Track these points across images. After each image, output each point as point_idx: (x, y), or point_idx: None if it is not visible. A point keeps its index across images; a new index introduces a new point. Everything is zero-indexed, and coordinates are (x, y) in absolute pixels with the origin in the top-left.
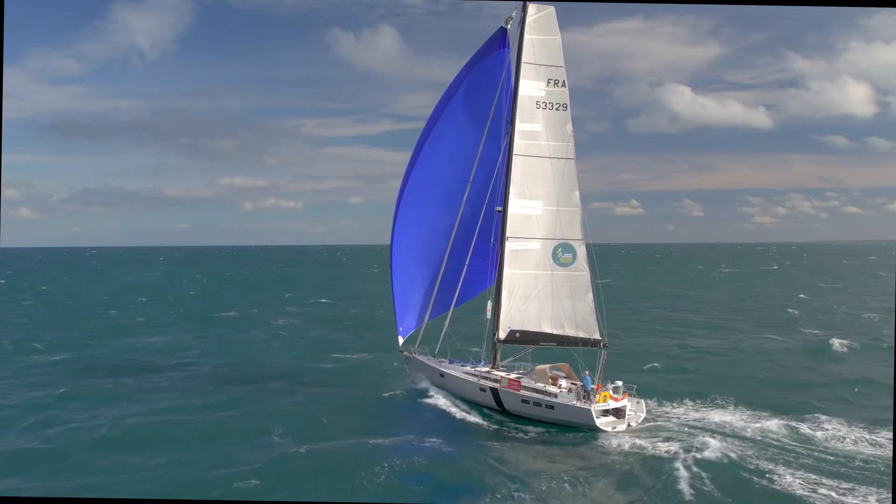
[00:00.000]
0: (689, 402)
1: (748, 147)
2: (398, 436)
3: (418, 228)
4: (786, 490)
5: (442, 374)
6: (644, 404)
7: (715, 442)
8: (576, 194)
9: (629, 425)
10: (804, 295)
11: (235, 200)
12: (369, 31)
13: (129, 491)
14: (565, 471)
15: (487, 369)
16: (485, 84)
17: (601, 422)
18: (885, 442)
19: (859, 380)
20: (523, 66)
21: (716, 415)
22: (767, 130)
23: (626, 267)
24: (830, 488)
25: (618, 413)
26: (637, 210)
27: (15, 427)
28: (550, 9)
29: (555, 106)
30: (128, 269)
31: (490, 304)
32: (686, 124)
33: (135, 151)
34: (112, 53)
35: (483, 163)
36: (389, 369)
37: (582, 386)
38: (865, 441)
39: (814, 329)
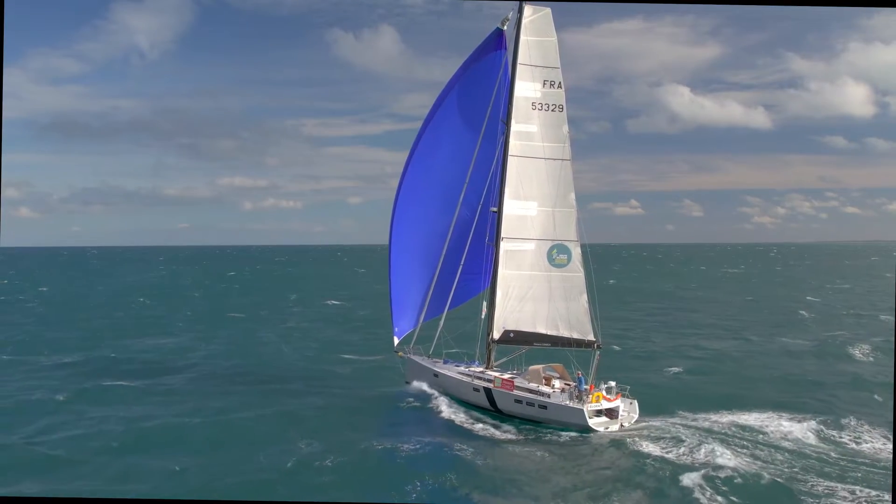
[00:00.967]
0: (686, 403)
1: (748, 147)
2: (392, 436)
3: (415, 229)
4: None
5: (436, 375)
6: (637, 405)
7: (711, 442)
8: (571, 195)
9: (622, 426)
10: (811, 297)
11: (235, 200)
12: (369, 32)
13: (141, 493)
14: (557, 471)
15: (481, 369)
16: (481, 85)
17: (594, 422)
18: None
19: (855, 380)
20: (519, 68)
21: (712, 416)
22: (767, 131)
23: (630, 267)
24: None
25: (611, 413)
26: (637, 210)
27: (25, 429)
28: (546, 10)
29: (551, 107)
30: (130, 269)
31: (484, 305)
32: (685, 124)
33: (135, 151)
34: (112, 53)
35: (479, 164)
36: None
37: (575, 386)
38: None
39: (824, 330)
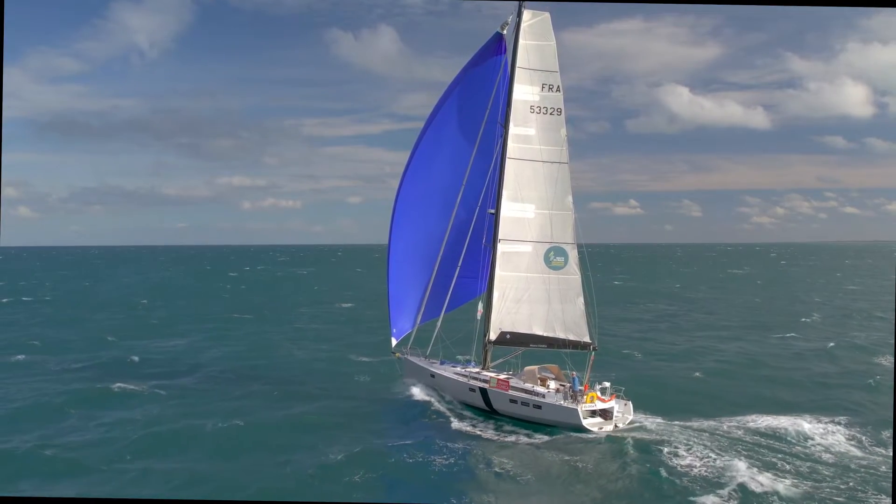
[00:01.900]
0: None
1: (747, 147)
2: (387, 436)
3: (414, 232)
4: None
5: (433, 375)
6: (632, 406)
7: (705, 442)
8: (569, 198)
9: (616, 426)
10: (818, 297)
11: (234, 200)
12: (368, 31)
13: (159, 495)
14: (551, 472)
15: (478, 370)
16: (481, 89)
17: (588, 422)
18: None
19: (857, 380)
20: (518, 71)
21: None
22: (766, 131)
23: (633, 267)
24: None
25: (605, 414)
26: (636, 210)
27: (41, 432)
28: (545, 15)
29: (549, 110)
30: (133, 269)
31: (480, 306)
32: (685, 125)
33: (134, 151)
34: (111, 53)
35: (478, 167)
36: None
37: (570, 387)
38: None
39: (824, 331)
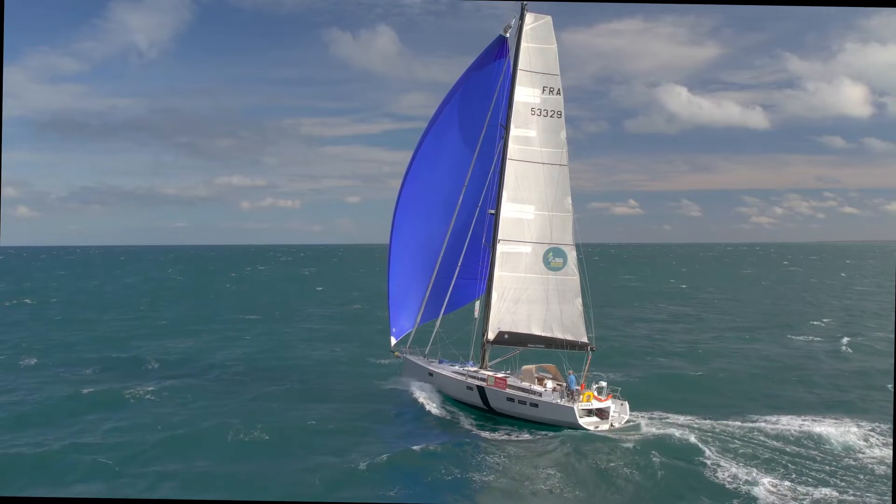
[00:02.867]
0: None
1: (746, 147)
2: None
3: (415, 233)
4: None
5: (431, 374)
6: (628, 406)
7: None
8: (568, 200)
9: (612, 426)
10: (828, 298)
11: (233, 200)
12: (367, 31)
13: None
14: (546, 471)
15: (475, 369)
16: (483, 91)
17: (584, 421)
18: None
19: (861, 379)
20: (519, 73)
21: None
22: (765, 131)
23: (637, 267)
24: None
25: (601, 413)
26: (635, 210)
27: (57, 433)
28: (547, 18)
29: (549, 113)
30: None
31: (478, 305)
32: (684, 124)
33: (133, 150)
34: (110, 52)
35: (479, 169)
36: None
37: (566, 386)
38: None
39: (822, 329)
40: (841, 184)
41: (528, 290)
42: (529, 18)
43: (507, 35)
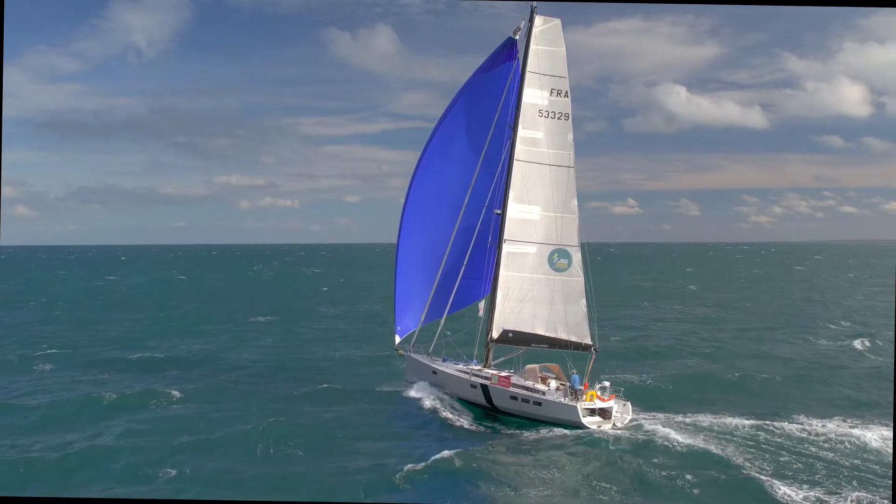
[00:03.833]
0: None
1: (745, 147)
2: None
3: (423, 232)
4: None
5: (435, 372)
6: (630, 406)
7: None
8: (574, 202)
9: (615, 426)
10: (861, 297)
11: (232, 199)
12: (366, 31)
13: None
14: (549, 470)
15: (479, 368)
16: (492, 92)
17: (587, 420)
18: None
19: (867, 380)
20: (528, 75)
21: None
22: (764, 130)
23: (643, 267)
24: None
25: (604, 413)
26: (634, 209)
27: (81, 433)
28: (556, 21)
29: (557, 115)
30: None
31: (482, 304)
32: (682, 124)
33: (131, 150)
34: (109, 52)
35: (486, 170)
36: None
37: (570, 385)
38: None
39: (823, 329)
40: (840, 183)
41: (533, 291)
42: (539, 21)
43: (517, 37)
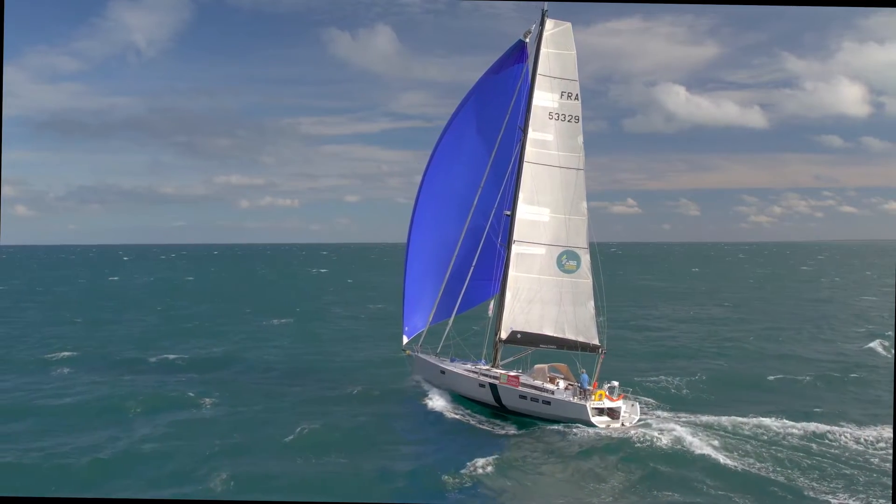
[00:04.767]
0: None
1: (744, 147)
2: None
3: (432, 233)
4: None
5: (443, 372)
6: (638, 407)
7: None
8: (583, 204)
9: (623, 425)
10: (873, 296)
11: (232, 199)
12: (366, 30)
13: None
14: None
15: (487, 367)
16: (502, 94)
17: (596, 420)
18: None
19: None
20: (538, 78)
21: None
22: (763, 130)
23: (648, 267)
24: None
25: (612, 413)
26: (633, 209)
27: (103, 432)
28: (567, 25)
29: (567, 117)
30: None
31: (492, 304)
32: (682, 124)
33: (131, 149)
34: (109, 51)
35: (496, 171)
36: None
37: (579, 384)
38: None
39: (832, 332)
40: (839, 183)
41: (542, 292)
42: (550, 24)
43: (527, 40)
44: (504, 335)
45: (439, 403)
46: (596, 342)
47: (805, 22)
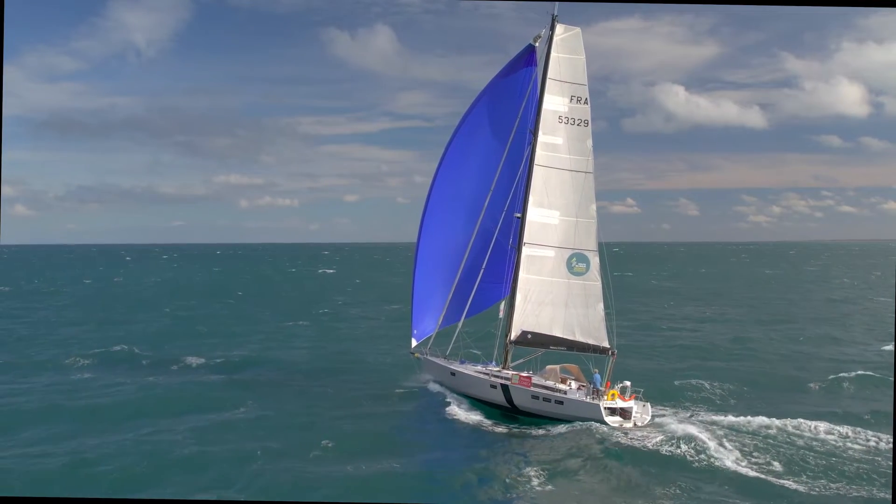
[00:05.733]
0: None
1: (743, 146)
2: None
3: (442, 236)
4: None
5: (453, 373)
6: (650, 407)
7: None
8: (592, 207)
9: (635, 425)
10: (884, 297)
11: (231, 198)
12: (365, 30)
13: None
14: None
15: (498, 369)
16: (511, 97)
17: (609, 419)
18: None
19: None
20: (548, 82)
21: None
22: (762, 130)
23: (654, 267)
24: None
25: (624, 413)
26: (633, 209)
27: (132, 431)
28: (577, 30)
29: (576, 121)
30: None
31: (503, 305)
32: (681, 124)
33: (130, 149)
34: (109, 51)
35: (506, 174)
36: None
37: (591, 384)
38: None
39: (845, 329)
40: (838, 183)
41: (552, 294)
42: (559, 29)
43: (537, 44)
44: (514, 336)
45: (452, 405)
46: (606, 344)
47: (804, 22)
